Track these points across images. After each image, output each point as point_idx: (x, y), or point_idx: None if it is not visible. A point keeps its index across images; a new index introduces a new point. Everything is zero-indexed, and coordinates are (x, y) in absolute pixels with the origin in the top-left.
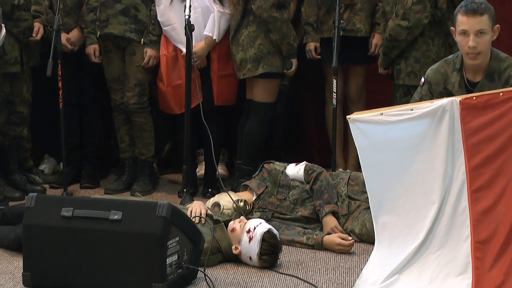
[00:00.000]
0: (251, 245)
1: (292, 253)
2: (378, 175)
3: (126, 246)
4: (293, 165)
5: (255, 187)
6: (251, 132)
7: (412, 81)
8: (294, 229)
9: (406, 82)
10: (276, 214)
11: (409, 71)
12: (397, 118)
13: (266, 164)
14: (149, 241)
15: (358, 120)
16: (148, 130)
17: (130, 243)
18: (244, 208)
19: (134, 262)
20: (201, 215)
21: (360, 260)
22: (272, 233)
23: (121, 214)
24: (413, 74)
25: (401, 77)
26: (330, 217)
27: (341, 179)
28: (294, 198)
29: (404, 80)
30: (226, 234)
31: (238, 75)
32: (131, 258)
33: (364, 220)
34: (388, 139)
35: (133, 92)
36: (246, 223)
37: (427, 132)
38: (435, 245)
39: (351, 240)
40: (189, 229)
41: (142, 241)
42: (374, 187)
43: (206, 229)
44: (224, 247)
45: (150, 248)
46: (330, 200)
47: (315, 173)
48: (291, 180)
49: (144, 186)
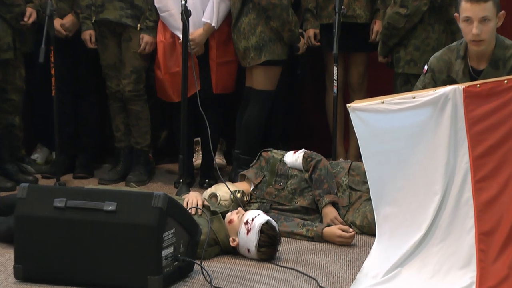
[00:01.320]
0: (249, 237)
1: (291, 245)
2: (379, 165)
3: (121, 238)
4: (291, 152)
5: (252, 177)
6: (250, 121)
7: (411, 70)
8: (293, 220)
9: (405, 71)
10: (274, 205)
11: (409, 59)
12: (398, 106)
13: (263, 153)
14: (144, 233)
15: (358, 109)
16: (144, 118)
17: (125, 235)
18: (242, 199)
19: (129, 254)
20: (198, 206)
21: (361, 252)
22: (271, 225)
23: (115, 205)
24: (412, 62)
25: (401, 66)
26: (330, 207)
27: (341, 169)
28: (292, 187)
29: (404, 68)
30: (224, 226)
31: (243, 63)
32: (126, 250)
33: (365, 212)
34: (390, 128)
35: (129, 79)
36: (244, 215)
37: (429, 121)
38: (437, 237)
39: (352, 232)
40: (185, 221)
41: (137, 232)
42: (375, 178)
43: (203, 221)
44: (222, 239)
45: (145, 240)
46: (330, 190)
47: (314, 161)
48: (289, 168)
49: (139, 176)
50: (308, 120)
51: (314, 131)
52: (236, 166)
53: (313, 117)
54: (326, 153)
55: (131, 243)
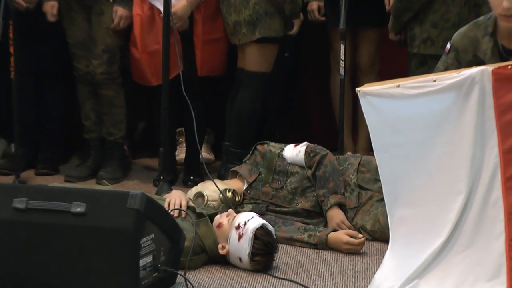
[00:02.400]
0: (241, 244)
1: (290, 254)
2: (394, 160)
3: (91, 244)
4: (292, 146)
5: (246, 174)
6: (242, 108)
7: (428, 49)
8: (292, 224)
9: (421, 51)
10: (271, 206)
11: (425, 38)
12: (416, 91)
13: (259, 146)
14: (119, 239)
15: (370, 94)
16: (119, 105)
17: (96, 241)
18: (233, 199)
19: (101, 263)
20: (181, 208)
21: (372, 262)
22: (266, 230)
23: (84, 206)
24: (429, 41)
25: (416, 45)
26: (336, 210)
27: (349, 165)
28: (292, 187)
29: (419, 48)
30: (212, 231)
31: (232, 40)
32: (97, 259)
33: (377, 214)
34: (406, 117)
35: (101, 59)
36: (235, 218)
37: (452, 108)
38: (461, 243)
39: (362, 237)
40: (167, 225)
41: (110, 238)
42: (389, 175)
43: (187, 225)
44: (209, 246)
45: (119, 247)
46: (336, 189)
47: (318, 156)
48: (289, 164)
49: (112, 172)
50: (310, 107)
51: (318, 121)
52: (226, 161)
53: (316, 104)
54: (331, 147)
55: (102, 250)
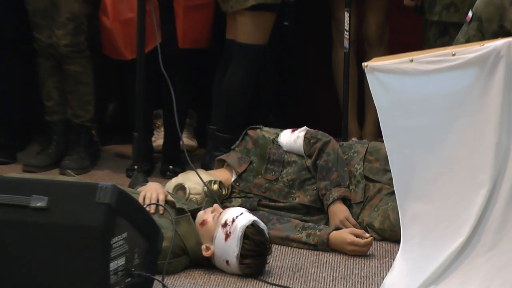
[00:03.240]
0: (228, 244)
1: (286, 256)
2: (406, 147)
3: (53, 244)
4: (289, 131)
5: (235, 163)
6: (231, 87)
7: (451, 17)
8: (289, 222)
9: (443, 18)
10: (264, 201)
11: (448, 3)
12: (433, 66)
13: (250, 131)
14: (86, 238)
15: (378, 69)
16: (86, 82)
17: (59, 241)
18: (219, 193)
19: (65, 266)
20: (159, 203)
21: (381, 265)
22: (258, 228)
23: (46, 200)
24: (453, 7)
25: (436, 11)
26: (340, 205)
27: (355, 153)
28: (289, 178)
29: (441, 15)
30: (194, 229)
31: (223, 7)
32: (60, 261)
33: (387, 210)
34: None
35: (66, 29)
36: (222, 214)
37: (474, 86)
38: (484, 243)
39: (369, 237)
40: (142, 222)
41: (75, 237)
42: (400, 164)
43: (165, 222)
44: (191, 247)
45: (86, 248)
46: (340, 181)
47: (319, 143)
48: (286, 153)
49: (79, 161)
50: (309, 86)
51: (319, 102)
52: (211, 148)
53: (317, 82)
54: (334, 132)
55: (67, 251)
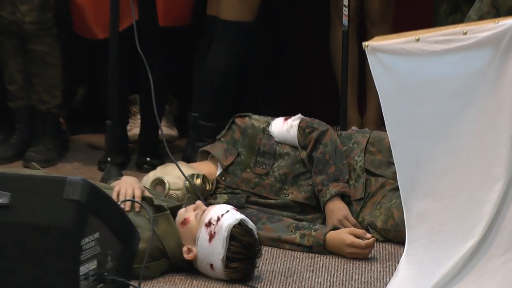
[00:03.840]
0: (213, 246)
1: (277, 259)
2: (412, 137)
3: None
4: (281, 120)
5: (220, 155)
6: (215, 69)
7: None
8: (281, 221)
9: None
10: (254, 197)
11: None
12: (441, 46)
13: (238, 119)
14: (53, 239)
15: (381, 50)
16: (53, 64)
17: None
18: (202, 188)
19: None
20: (135, 199)
21: (384, 270)
22: (246, 228)
23: (8, 197)
24: None
25: None
26: (338, 202)
27: (355, 144)
28: (281, 172)
29: None
30: (174, 229)
31: None
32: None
33: (390, 208)
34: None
35: (31, 4)
36: (206, 212)
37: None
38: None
39: (370, 238)
40: (116, 221)
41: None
42: (405, 156)
43: (142, 221)
44: (171, 249)
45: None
46: (338, 175)
47: (315, 133)
48: (278, 144)
49: (45, 152)
50: (304, 68)
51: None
52: (194, 138)
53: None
54: (332, 120)
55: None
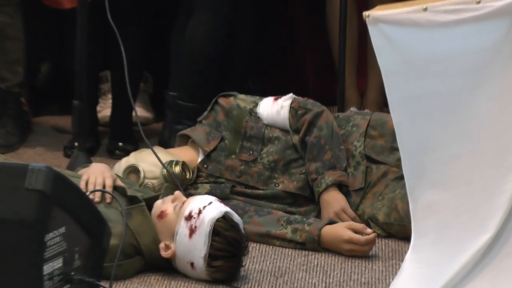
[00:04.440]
0: (193, 242)
1: (266, 257)
2: (418, 120)
3: None
4: (271, 100)
5: (201, 140)
6: (195, 42)
7: None
8: (270, 214)
9: None
10: (239, 187)
11: None
12: (452, 17)
13: (222, 99)
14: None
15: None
16: (14, 37)
17: None
18: (182, 177)
19: None
20: (106, 189)
21: (386, 269)
22: (231, 221)
23: None
24: None
25: None
26: (335, 193)
27: (354, 127)
28: (271, 159)
29: None
30: (150, 223)
31: None
32: None
33: (394, 199)
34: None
35: None
36: (185, 204)
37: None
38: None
39: (371, 233)
40: (84, 214)
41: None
42: (411, 141)
43: (114, 214)
44: (146, 246)
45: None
46: (334, 162)
47: (309, 115)
48: (267, 127)
49: (5, 136)
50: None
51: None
52: (172, 121)
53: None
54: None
55: None
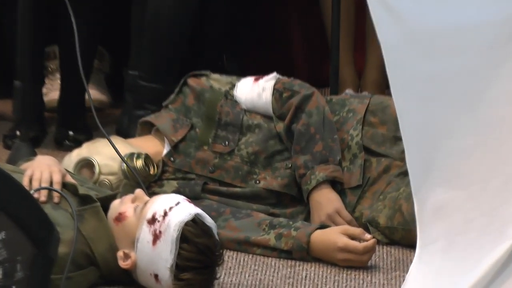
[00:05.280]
0: (157, 250)
1: (245, 268)
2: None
3: None
4: (251, 80)
5: (168, 128)
6: (160, 11)
7: None
8: (249, 216)
9: None
10: (213, 184)
11: None
12: None
13: (192, 80)
14: None
15: None
16: None
17: None
18: (144, 172)
19: None
20: (53, 187)
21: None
22: (203, 226)
23: None
24: None
25: None
26: (327, 191)
27: (350, 113)
28: (250, 151)
29: None
30: (106, 227)
31: None
32: None
33: (398, 199)
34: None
35: None
36: (148, 204)
37: None
38: None
39: (370, 239)
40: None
41: None
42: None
43: (63, 217)
44: (101, 254)
45: None
46: (327, 155)
47: (296, 98)
48: (246, 113)
49: None
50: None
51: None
52: (132, 105)
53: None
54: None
55: None
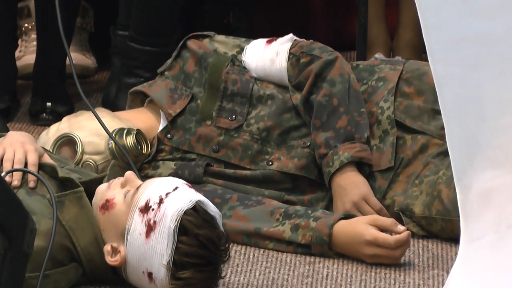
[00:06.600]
0: (151, 244)
1: (255, 265)
2: (470, 72)
3: None
4: (262, 43)
5: (163, 99)
6: None
7: None
8: (261, 204)
9: None
10: (217, 166)
11: None
12: None
13: (192, 42)
14: None
15: None
16: None
17: None
18: (136, 151)
19: None
20: (28, 169)
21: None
22: (205, 214)
23: None
24: None
25: None
26: (353, 175)
27: (380, 81)
28: (262, 126)
29: None
30: (90, 216)
31: None
32: None
33: (436, 184)
34: None
35: None
36: (140, 189)
37: None
38: None
39: (403, 232)
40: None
41: None
42: (460, 103)
43: (40, 203)
44: (85, 248)
45: None
46: (353, 131)
47: (316, 65)
48: (256, 81)
49: None
50: None
51: None
52: (121, 72)
53: None
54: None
55: None
